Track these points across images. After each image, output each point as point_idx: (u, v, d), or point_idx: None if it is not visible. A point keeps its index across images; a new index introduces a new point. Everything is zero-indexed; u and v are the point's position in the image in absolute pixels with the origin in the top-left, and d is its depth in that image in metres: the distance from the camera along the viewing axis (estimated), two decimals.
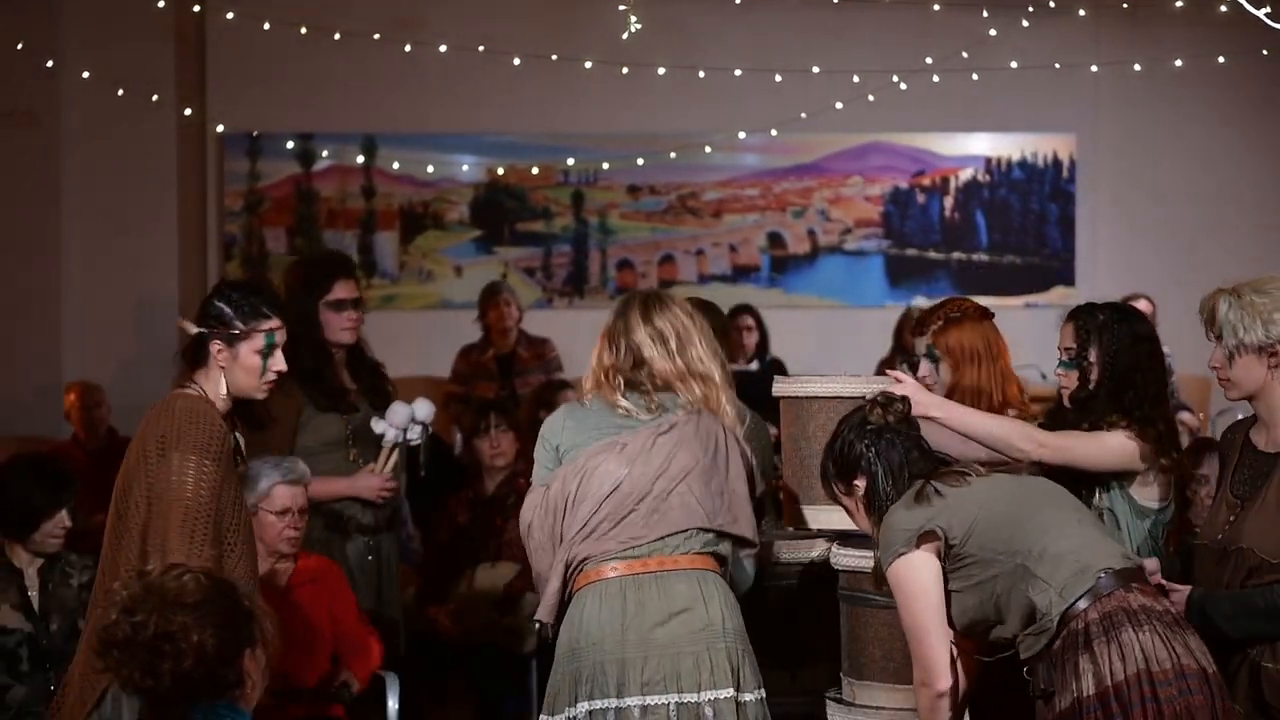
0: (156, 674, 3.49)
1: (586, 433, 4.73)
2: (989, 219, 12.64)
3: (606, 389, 4.79)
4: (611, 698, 4.48)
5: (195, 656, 3.48)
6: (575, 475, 4.67)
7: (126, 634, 3.50)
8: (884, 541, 4.25)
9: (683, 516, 4.60)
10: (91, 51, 11.11)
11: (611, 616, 4.54)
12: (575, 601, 4.64)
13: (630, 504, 4.60)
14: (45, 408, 10.48)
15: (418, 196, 12.38)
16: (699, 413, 4.73)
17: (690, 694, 4.48)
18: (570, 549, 4.63)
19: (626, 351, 4.80)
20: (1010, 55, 11.75)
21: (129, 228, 11.37)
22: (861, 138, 12.49)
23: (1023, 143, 12.61)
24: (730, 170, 12.52)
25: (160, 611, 3.49)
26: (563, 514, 4.67)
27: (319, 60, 11.63)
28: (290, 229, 12.31)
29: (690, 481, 4.62)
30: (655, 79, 11.42)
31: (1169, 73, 11.81)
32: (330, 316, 6.21)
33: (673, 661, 4.48)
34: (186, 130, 11.81)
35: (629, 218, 12.39)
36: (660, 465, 4.63)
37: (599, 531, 4.61)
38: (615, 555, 4.58)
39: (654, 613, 4.51)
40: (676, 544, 4.59)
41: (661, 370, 4.75)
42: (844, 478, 4.38)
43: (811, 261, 12.61)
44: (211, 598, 3.56)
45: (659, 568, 4.56)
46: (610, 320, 4.90)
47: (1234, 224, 12.39)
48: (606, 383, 4.79)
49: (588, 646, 4.55)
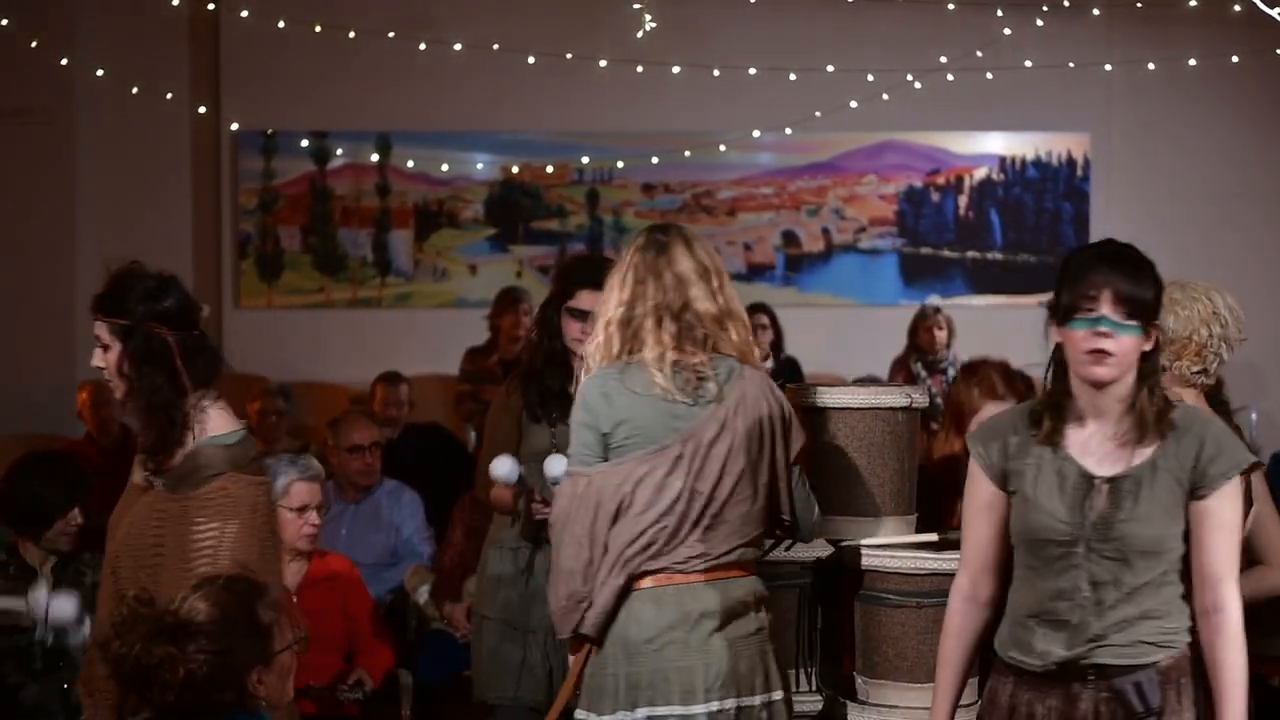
0: (147, 698, 3.49)
1: (635, 421, 4.44)
2: (1003, 218, 12.63)
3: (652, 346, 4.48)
4: (676, 705, 4.38)
5: (181, 686, 3.46)
6: (629, 481, 4.42)
7: (114, 660, 3.49)
8: (1230, 443, 3.92)
9: (740, 530, 4.47)
10: (106, 50, 11.13)
11: (671, 622, 4.41)
12: (627, 603, 4.45)
13: (691, 520, 4.42)
14: (59, 406, 10.49)
15: (432, 195, 12.38)
16: (742, 379, 4.48)
17: (749, 697, 4.45)
18: (627, 565, 4.42)
19: (674, 287, 4.50)
20: (1024, 54, 11.75)
21: (143, 225, 11.39)
22: (876, 136, 12.48)
23: (1037, 142, 12.60)
24: (745, 169, 12.51)
25: (144, 643, 3.47)
26: (611, 520, 4.42)
27: (333, 58, 11.64)
28: (305, 227, 12.32)
29: (742, 487, 4.46)
30: (670, 77, 11.43)
31: (1183, 72, 11.79)
32: (569, 324, 5.81)
33: (733, 665, 4.41)
34: (201, 128, 11.83)
35: (644, 216, 12.37)
36: (716, 476, 4.44)
37: (657, 545, 4.42)
38: (674, 569, 4.44)
39: (713, 618, 4.42)
40: (733, 556, 4.50)
41: (705, 311, 4.49)
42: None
43: (826, 260, 12.60)
44: (220, 618, 3.52)
45: (715, 576, 4.46)
46: (642, 254, 4.54)
47: (1248, 222, 12.37)
48: (656, 334, 4.50)
49: (647, 652, 4.40)
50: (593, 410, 4.48)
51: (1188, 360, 4.54)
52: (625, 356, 4.52)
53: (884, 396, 5.12)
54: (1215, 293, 4.59)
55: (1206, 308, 4.54)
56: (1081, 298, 3.77)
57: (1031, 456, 3.90)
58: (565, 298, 5.75)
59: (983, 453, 3.98)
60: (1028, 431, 3.93)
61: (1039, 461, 3.89)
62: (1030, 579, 3.91)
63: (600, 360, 4.55)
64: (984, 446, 3.98)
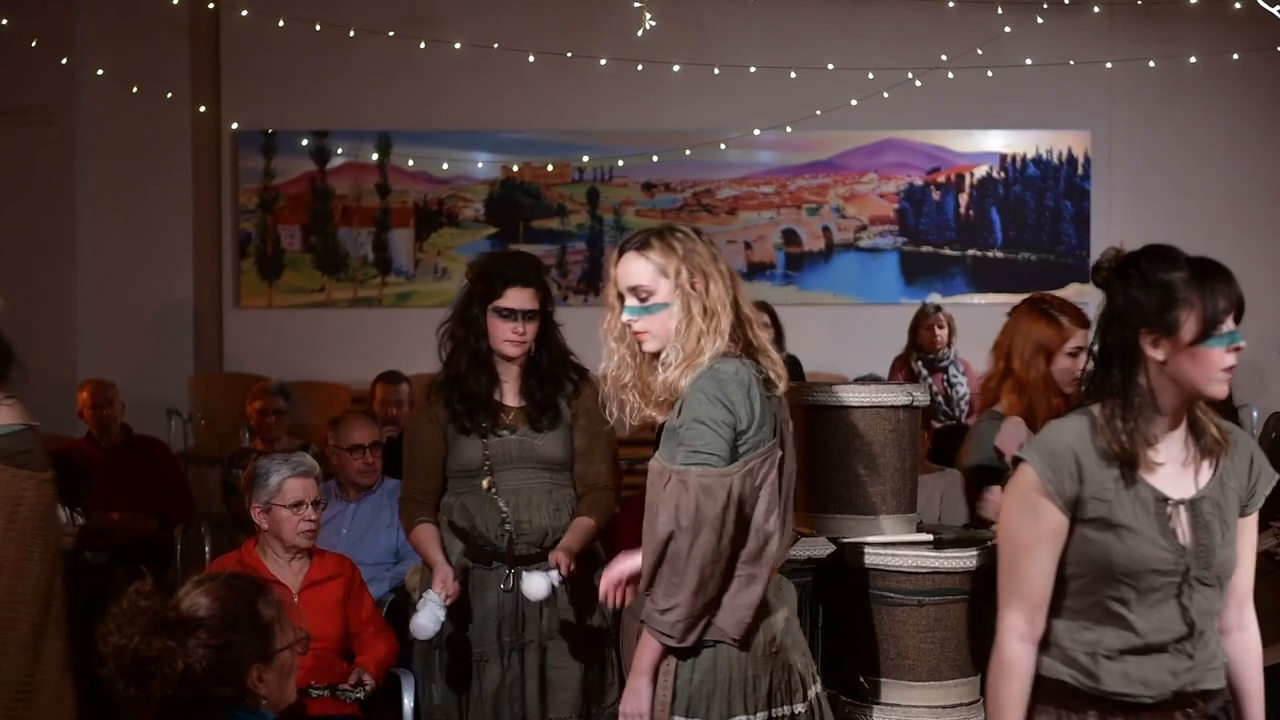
0: (146, 691, 3.50)
1: (763, 418, 4.25)
2: (1004, 216, 12.63)
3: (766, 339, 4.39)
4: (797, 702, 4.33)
5: (181, 679, 3.47)
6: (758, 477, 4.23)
7: (113, 652, 3.50)
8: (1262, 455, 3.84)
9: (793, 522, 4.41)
10: (106, 49, 11.13)
11: (788, 616, 4.33)
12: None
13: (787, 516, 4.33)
14: (61, 406, 10.49)
15: (432, 194, 12.38)
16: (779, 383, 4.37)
17: (814, 687, 4.41)
18: (767, 564, 4.26)
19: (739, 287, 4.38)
20: (1025, 52, 11.75)
21: (144, 224, 11.40)
22: (876, 134, 12.48)
23: (1037, 139, 12.60)
24: (745, 167, 12.51)
25: (143, 634, 3.48)
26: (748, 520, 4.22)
27: (333, 57, 11.64)
28: (305, 226, 12.32)
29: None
30: (670, 76, 11.43)
31: (1184, 69, 11.80)
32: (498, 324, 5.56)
33: (804, 656, 4.40)
34: (201, 127, 11.83)
35: (644, 215, 12.38)
36: (791, 471, 4.35)
37: (783, 541, 4.32)
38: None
39: (795, 610, 4.40)
40: None
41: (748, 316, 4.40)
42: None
43: (826, 258, 12.60)
44: (220, 612, 3.53)
45: None
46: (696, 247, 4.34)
47: (1249, 219, 12.37)
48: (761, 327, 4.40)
49: (772, 650, 4.27)
50: (736, 407, 4.19)
51: None
52: (736, 348, 4.33)
53: (885, 395, 5.12)
54: None
55: None
56: (1221, 314, 3.59)
57: (1109, 480, 3.63)
58: (491, 296, 5.51)
59: (1051, 477, 3.61)
60: (1094, 451, 3.63)
61: (1116, 486, 3.63)
62: (1118, 612, 3.65)
63: (707, 351, 4.27)
64: (1051, 469, 3.62)
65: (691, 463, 4.14)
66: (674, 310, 4.29)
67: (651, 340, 4.32)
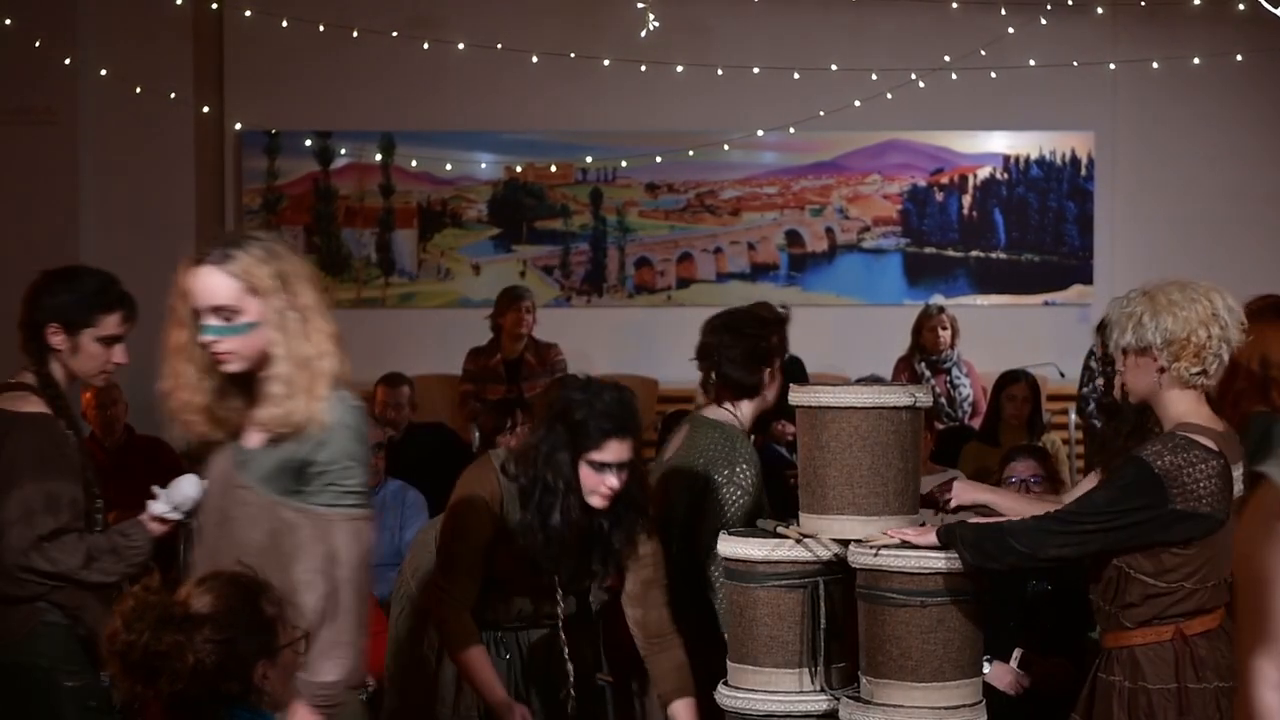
0: (155, 687, 3.50)
1: None
2: (1007, 217, 12.62)
3: None
4: None
5: (190, 674, 3.47)
6: None
7: (121, 649, 3.50)
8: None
9: None
10: (109, 49, 11.13)
11: None
12: None
13: None
14: None
15: (436, 194, 12.39)
16: None
17: None
18: None
19: None
20: (1028, 53, 11.74)
21: (147, 225, 11.39)
22: (880, 136, 12.47)
23: (1041, 140, 12.59)
24: (748, 168, 12.51)
25: (153, 630, 3.49)
26: None
27: (337, 58, 11.65)
28: (308, 227, 12.33)
29: None
30: (673, 77, 11.43)
31: (1187, 70, 11.79)
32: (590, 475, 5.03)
33: None
34: (204, 128, 11.83)
35: (647, 216, 12.39)
36: None
37: None
38: None
39: None
40: None
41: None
42: None
43: (830, 260, 12.60)
44: (224, 609, 3.54)
45: None
46: (284, 257, 4.16)
47: (1253, 221, 12.36)
48: None
49: None
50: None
51: (1186, 361, 4.52)
52: None
53: (888, 396, 5.11)
54: (1215, 293, 4.57)
55: (1206, 309, 4.53)
56: None
57: None
58: (585, 446, 4.94)
59: None
60: None
61: None
62: None
63: (327, 374, 4.22)
64: None
65: (355, 504, 4.07)
66: (266, 330, 4.10)
67: (237, 361, 4.12)
